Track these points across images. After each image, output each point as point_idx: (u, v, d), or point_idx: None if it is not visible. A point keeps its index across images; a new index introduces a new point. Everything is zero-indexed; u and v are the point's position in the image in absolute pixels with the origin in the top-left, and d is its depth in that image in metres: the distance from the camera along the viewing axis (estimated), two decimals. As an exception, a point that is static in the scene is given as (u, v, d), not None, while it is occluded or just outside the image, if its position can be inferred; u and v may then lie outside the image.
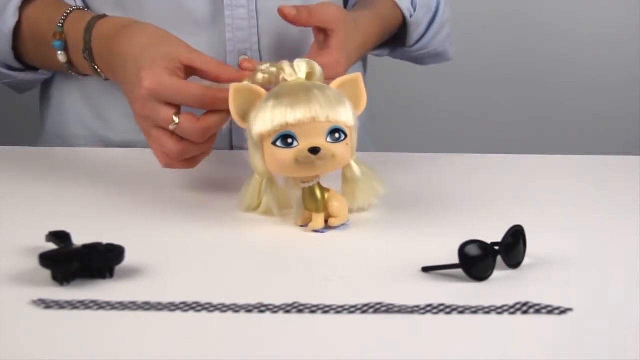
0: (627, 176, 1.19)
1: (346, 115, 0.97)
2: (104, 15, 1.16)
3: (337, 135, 0.97)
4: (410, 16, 1.32)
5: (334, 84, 1.00)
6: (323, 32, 1.14)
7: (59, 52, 1.18)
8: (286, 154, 0.96)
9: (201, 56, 1.05)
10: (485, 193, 1.12)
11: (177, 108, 1.03)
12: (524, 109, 2.19)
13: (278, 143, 0.96)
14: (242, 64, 1.05)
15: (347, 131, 0.98)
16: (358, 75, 1.01)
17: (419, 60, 1.42)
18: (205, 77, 1.05)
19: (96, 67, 1.15)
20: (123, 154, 1.24)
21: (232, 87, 0.99)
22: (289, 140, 0.96)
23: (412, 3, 1.33)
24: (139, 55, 1.05)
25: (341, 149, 0.97)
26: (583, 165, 1.26)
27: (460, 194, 1.12)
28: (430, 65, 1.46)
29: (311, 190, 0.99)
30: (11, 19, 1.23)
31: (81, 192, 1.10)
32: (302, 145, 0.96)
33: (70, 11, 1.19)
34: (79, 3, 1.26)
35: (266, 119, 0.96)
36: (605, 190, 1.15)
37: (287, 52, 1.27)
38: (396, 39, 1.36)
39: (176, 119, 1.02)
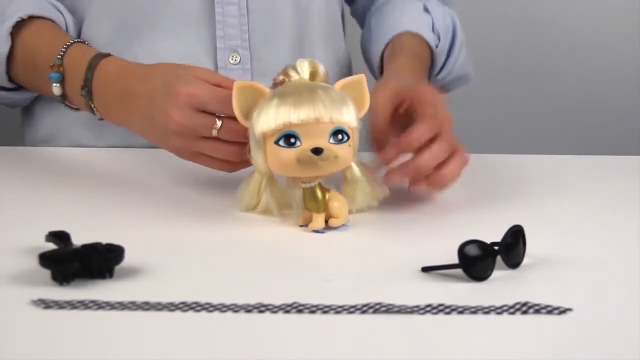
0: (627, 176, 1.19)
1: (349, 116, 0.97)
2: (108, 54, 1.14)
3: (340, 136, 0.96)
4: (436, 46, 1.29)
5: (338, 84, 1.00)
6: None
7: (55, 85, 1.16)
8: (288, 154, 0.96)
9: (226, 78, 1.05)
10: (485, 193, 1.12)
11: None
12: (523, 109, 2.19)
13: (281, 142, 0.96)
14: None
15: (350, 132, 0.98)
16: (362, 76, 1.01)
17: (442, 88, 1.35)
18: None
19: (93, 105, 1.14)
20: (123, 154, 1.24)
21: (236, 84, 0.99)
22: (292, 140, 0.95)
23: (434, 31, 1.29)
24: (169, 77, 1.04)
25: (344, 151, 0.97)
26: (583, 165, 1.26)
27: (460, 194, 1.11)
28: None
29: (312, 191, 0.99)
30: (4, 46, 1.20)
31: (81, 192, 1.10)
32: (305, 145, 0.95)
33: (71, 43, 1.17)
34: (67, 15, 1.25)
35: (270, 118, 0.96)
36: (605, 190, 1.15)
37: (278, 49, 1.27)
38: None
39: (218, 122, 1.02)
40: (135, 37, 1.23)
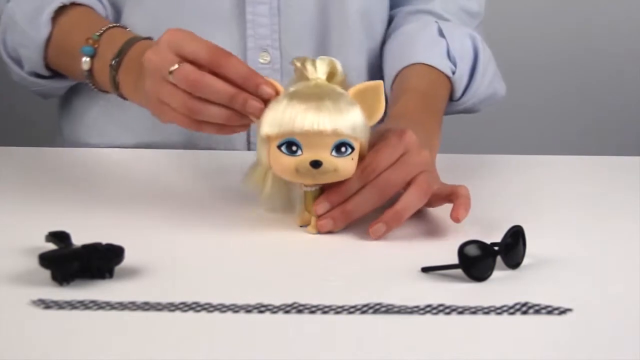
0: (627, 176, 1.19)
1: (355, 129, 0.96)
2: (150, 38, 1.11)
3: (343, 149, 0.95)
4: (453, 73, 1.23)
5: (352, 90, 0.98)
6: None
7: (85, 59, 1.14)
8: (288, 161, 0.95)
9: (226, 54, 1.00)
10: (485, 193, 1.12)
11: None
12: (524, 109, 2.19)
13: (283, 149, 0.95)
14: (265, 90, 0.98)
15: (356, 144, 0.96)
16: (379, 83, 0.99)
17: (470, 109, 1.31)
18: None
19: (117, 79, 1.10)
20: (123, 154, 1.24)
21: None
22: (294, 148, 0.95)
23: (450, 57, 1.24)
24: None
25: (345, 164, 0.96)
26: (583, 165, 1.26)
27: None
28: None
29: (313, 195, 0.98)
30: (44, 30, 1.20)
31: (81, 192, 1.10)
32: (305, 156, 0.94)
33: (113, 26, 1.15)
34: (108, 7, 1.25)
35: (275, 122, 0.95)
36: (605, 190, 1.15)
37: (308, 49, 1.26)
38: None
39: (176, 65, 0.97)
40: None
